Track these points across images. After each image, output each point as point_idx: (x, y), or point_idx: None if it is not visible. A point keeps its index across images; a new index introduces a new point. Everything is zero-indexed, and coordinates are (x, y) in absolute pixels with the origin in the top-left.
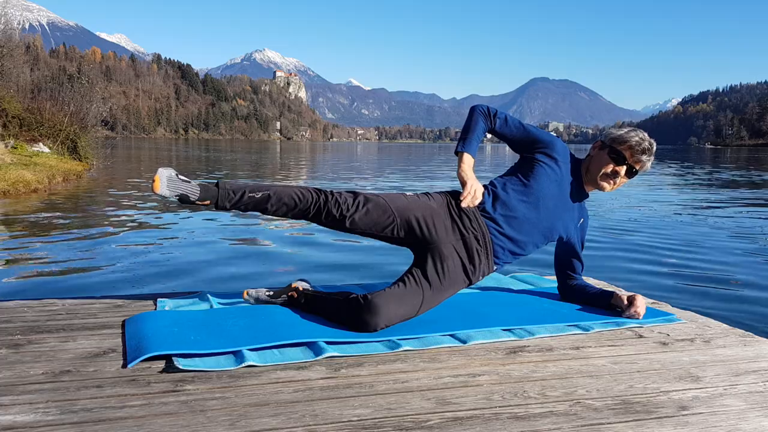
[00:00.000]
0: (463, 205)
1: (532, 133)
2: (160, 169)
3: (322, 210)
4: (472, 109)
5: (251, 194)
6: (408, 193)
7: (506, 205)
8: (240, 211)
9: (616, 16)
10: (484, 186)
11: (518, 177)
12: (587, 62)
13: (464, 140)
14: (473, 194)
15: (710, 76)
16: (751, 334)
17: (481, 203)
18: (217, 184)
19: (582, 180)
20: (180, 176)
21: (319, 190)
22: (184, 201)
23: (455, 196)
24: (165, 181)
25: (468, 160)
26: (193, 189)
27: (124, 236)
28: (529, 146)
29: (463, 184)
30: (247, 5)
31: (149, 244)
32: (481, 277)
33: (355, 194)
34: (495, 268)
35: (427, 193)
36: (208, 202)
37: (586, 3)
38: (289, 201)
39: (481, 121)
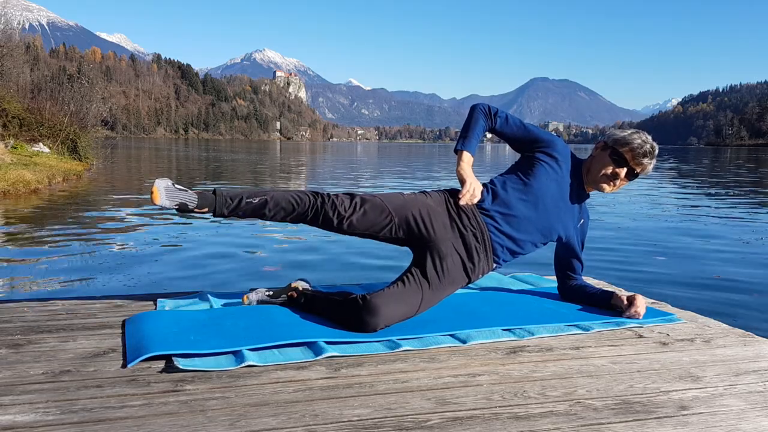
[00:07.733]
0: (462, 203)
1: (533, 132)
2: (157, 181)
3: (320, 213)
4: (473, 108)
5: (248, 200)
6: (406, 193)
7: (505, 203)
8: (238, 217)
9: (615, 16)
10: (484, 184)
11: (518, 175)
12: (587, 62)
13: (464, 138)
14: (472, 192)
15: (710, 76)
16: (751, 334)
17: (480, 201)
18: (214, 192)
19: (582, 180)
20: (177, 185)
21: (316, 193)
22: (182, 210)
23: (454, 194)
24: (163, 191)
25: (467, 158)
26: (190, 197)
27: (123, 236)
28: (529, 145)
29: (462, 182)
30: (247, 5)
31: (149, 244)
32: (480, 275)
33: (351, 196)
34: (494, 266)
35: (424, 192)
36: (206, 209)
37: (586, 3)
38: (286, 205)
39: (481, 119)
